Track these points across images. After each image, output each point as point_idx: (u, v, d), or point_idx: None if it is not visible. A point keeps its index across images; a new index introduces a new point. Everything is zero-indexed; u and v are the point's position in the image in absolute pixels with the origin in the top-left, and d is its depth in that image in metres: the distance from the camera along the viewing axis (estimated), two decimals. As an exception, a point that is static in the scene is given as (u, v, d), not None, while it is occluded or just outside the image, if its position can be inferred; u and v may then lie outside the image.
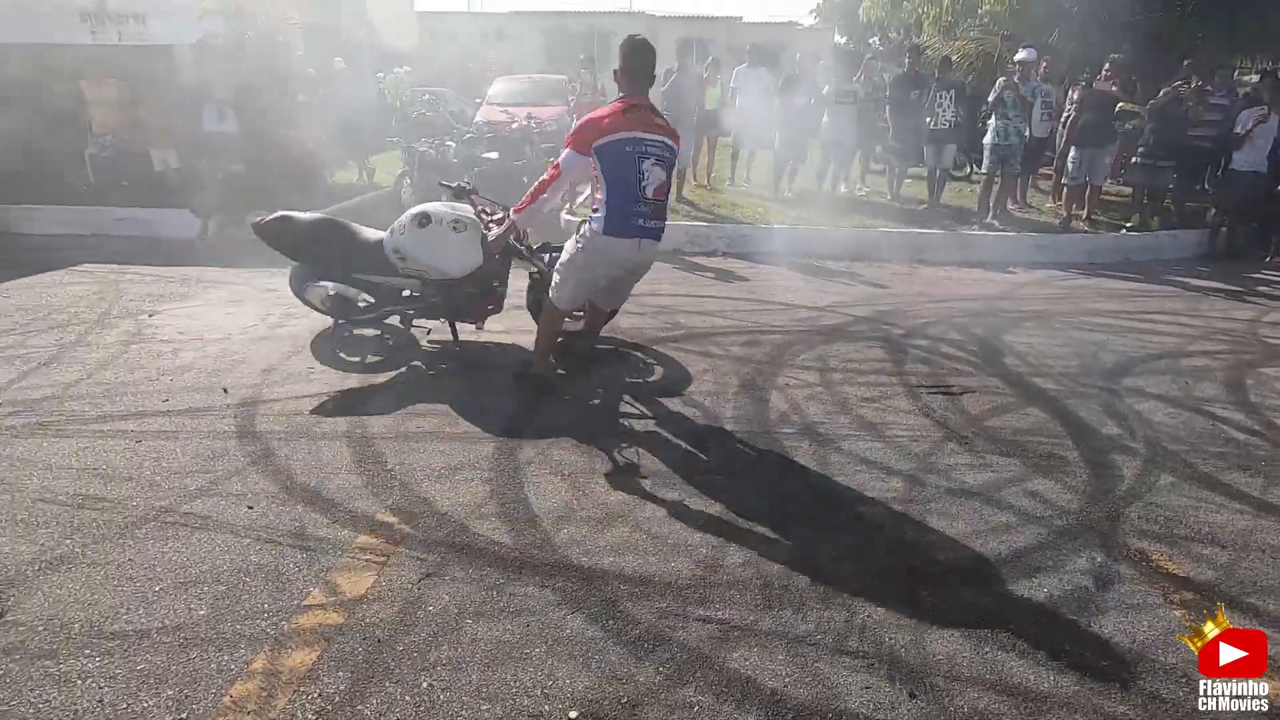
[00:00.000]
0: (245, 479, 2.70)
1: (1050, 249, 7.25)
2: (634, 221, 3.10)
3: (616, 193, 3.08)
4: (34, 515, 2.44)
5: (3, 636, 1.89)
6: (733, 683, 1.79)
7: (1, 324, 4.50)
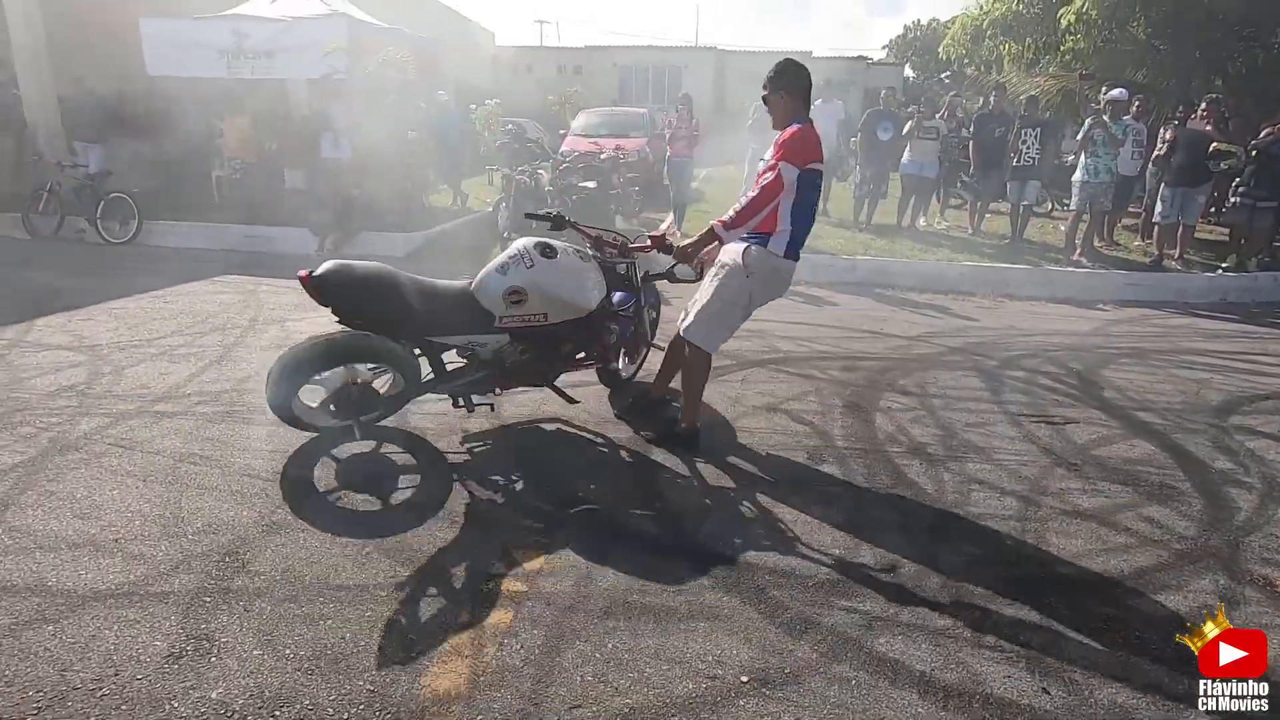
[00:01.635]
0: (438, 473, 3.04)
1: (1140, 287, 7.19)
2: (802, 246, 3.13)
3: (805, 217, 3.06)
4: (244, 487, 2.83)
5: (250, 582, 2.24)
6: (883, 663, 1.99)
7: (170, 326, 5.07)
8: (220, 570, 2.30)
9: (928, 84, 28.97)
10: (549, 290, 3.21)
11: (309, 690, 1.82)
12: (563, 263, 3.29)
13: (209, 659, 1.92)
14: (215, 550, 2.40)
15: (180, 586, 2.21)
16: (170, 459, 3.04)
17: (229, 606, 2.12)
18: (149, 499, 2.72)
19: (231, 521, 2.58)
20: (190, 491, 2.78)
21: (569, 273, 3.30)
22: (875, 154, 8.67)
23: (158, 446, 3.15)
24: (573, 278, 3.31)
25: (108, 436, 3.24)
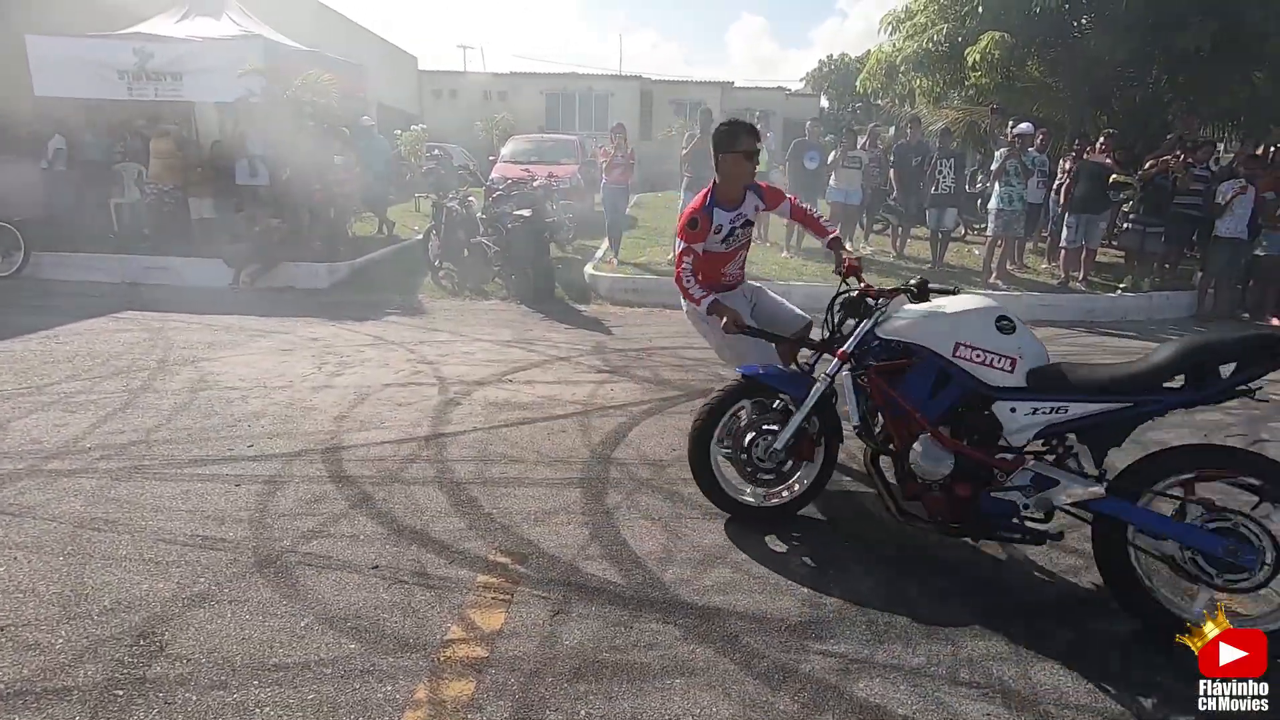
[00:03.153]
0: (353, 521, 2.82)
1: (1052, 308, 7.65)
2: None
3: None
4: (161, 555, 2.54)
5: (170, 668, 1.99)
6: (865, 710, 1.93)
7: (64, 370, 4.60)
8: (133, 656, 2.03)
9: (842, 114, 30.43)
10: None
11: (246, 795, 1.61)
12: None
13: (123, 767, 1.67)
14: (126, 632, 2.12)
15: (86, 680, 1.93)
16: (69, 525, 2.70)
17: (146, 700, 1.87)
18: (44, 575, 2.40)
19: (145, 596, 2.30)
20: (94, 563, 2.47)
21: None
22: (803, 182, 8.94)
23: (53, 511, 2.81)
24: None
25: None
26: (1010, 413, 2.42)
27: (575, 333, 6.19)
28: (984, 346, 2.45)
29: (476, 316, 6.76)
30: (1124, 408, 2.30)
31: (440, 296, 7.60)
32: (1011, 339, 2.44)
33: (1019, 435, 2.42)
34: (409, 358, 5.20)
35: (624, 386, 4.65)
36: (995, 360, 2.43)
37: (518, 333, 6.12)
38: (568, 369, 5.06)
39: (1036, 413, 2.38)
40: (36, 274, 7.83)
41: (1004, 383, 2.43)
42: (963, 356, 2.47)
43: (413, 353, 5.35)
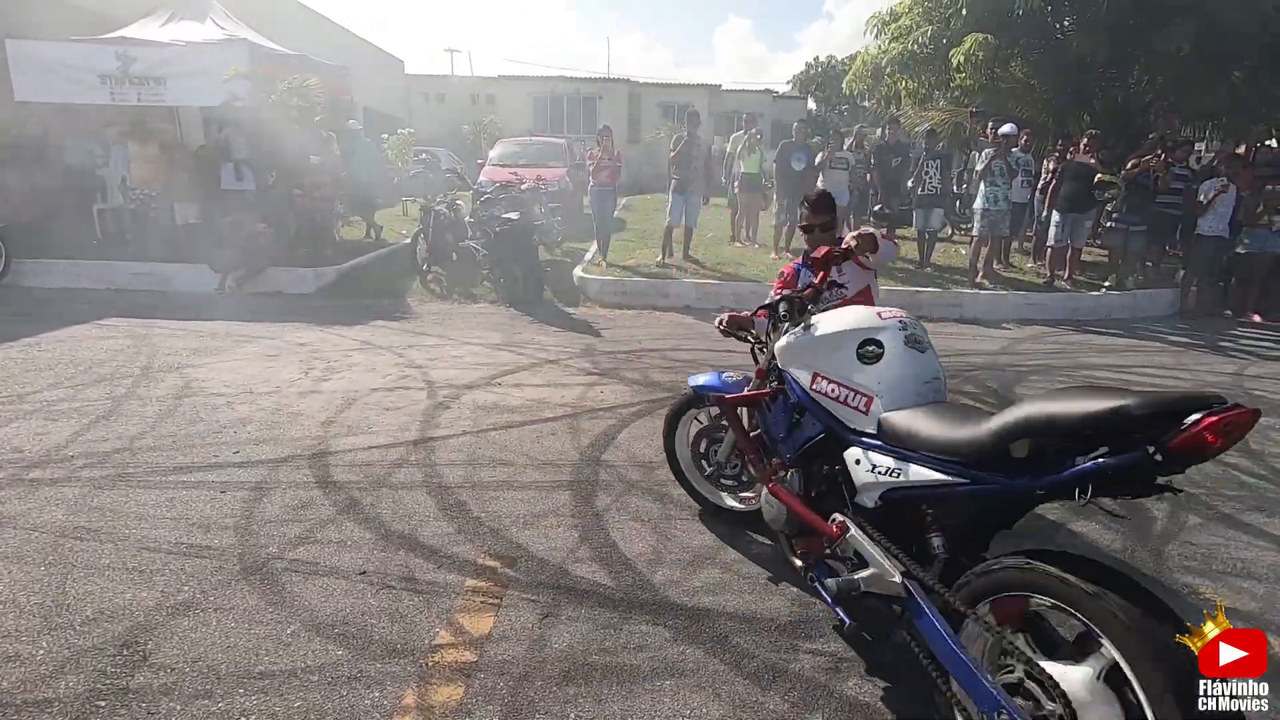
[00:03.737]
0: (340, 527, 2.80)
1: (1037, 306, 7.71)
2: None
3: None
4: (144, 563, 2.51)
5: (154, 678, 1.96)
6: (855, 709, 1.94)
7: (46, 378, 4.55)
8: (116, 666, 2.00)
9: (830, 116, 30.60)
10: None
11: (231, 805, 1.59)
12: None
13: (106, 778, 1.65)
14: (109, 642, 2.10)
15: (67, 691, 1.91)
16: (50, 535, 2.67)
17: (129, 710, 1.85)
18: (25, 585, 2.36)
19: (128, 605, 2.27)
20: (76, 573, 2.44)
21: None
22: (790, 183, 8.97)
23: (35, 521, 2.77)
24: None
25: (-28, 512, 2.82)
26: (856, 464, 1.96)
27: (564, 335, 6.18)
28: (838, 378, 2.03)
29: (465, 320, 6.74)
30: (961, 483, 1.69)
31: (428, 300, 7.57)
32: (871, 370, 1.97)
33: (865, 495, 1.95)
34: (397, 362, 5.18)
35: (613, 389, 4.64)
36: (849, 396, 1.99)
37: (506, 336, 6.10)
38: (557, 371, 5.05)
39: (876, 469, 1.88)
40: (18, 281, 7.74)
41: (856, 425, 1.98)
42: (819, 389, 2.08)
43: (401, 356, 5.32)
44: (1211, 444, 1.35)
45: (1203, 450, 1.37)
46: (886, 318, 2.07)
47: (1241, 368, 5.79)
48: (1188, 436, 1.35)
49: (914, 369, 1.96)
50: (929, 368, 1.99)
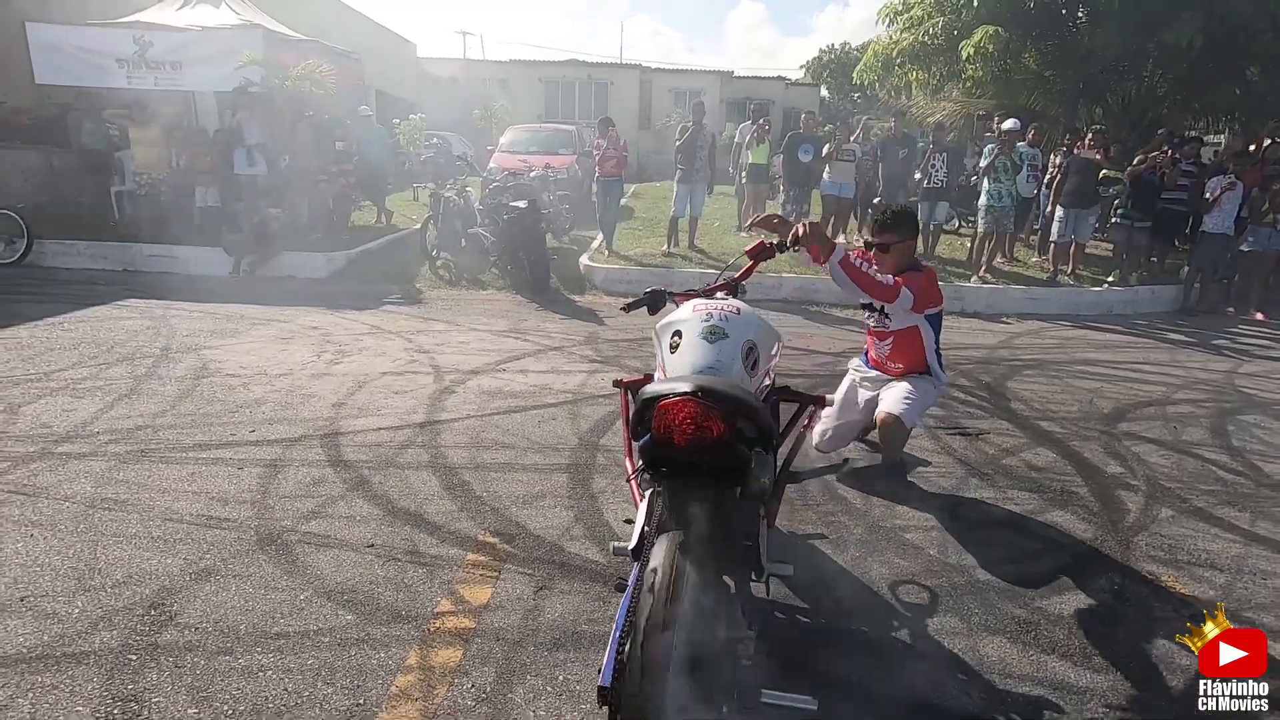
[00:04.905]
0: (350, 503, 2.97)
1: (1039, 301, 7.78)
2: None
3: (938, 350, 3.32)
4: (167, 533, 2.69)
5: (180, 636, 2.14)
6: (830, 677, 2.09)
7: (71, 357, 4.74)
8: (145, 625, 2.18)
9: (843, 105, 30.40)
10: (765, 333, 2.24)
11: (251, 748, 1.77)
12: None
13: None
14: (138, 603, 2.28)
15: (101, 645, 2.09)
16: (80, 505, 2.86)
17: (157, 664, 2.03)
18: (58, 550, 2.55)
19: (155, 571, 2.45)
20: (105, 540, 2.62)
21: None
22: (798, 175, 9.04)
23: (65, 492, 2.96)
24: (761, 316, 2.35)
25: (6, 483, 3.01)
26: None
27: (569, 323, 6.33)
28: (661, 365, 2.03)
29: (473, 306, 6.89)
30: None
31: (437, 286, 7.72)
32: (672, 358, 2.02)
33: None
34: (406, 347, 5.34)
35: (614, 376, 4.78)
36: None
37: (513, 323, 6.25)
38: (560, 358, 5.20)
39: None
40: (40, 261, 7.95)
41: None
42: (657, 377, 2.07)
43: (410, 342, 5.48)
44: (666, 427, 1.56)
45: (668, 435, 1.58)
46: (699, 310, 2.12)
47: (1236, 365, 5.86)
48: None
49: (692, 358, 1.98)
50: (708, 358, 1.98)
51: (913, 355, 3.28)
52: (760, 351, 2.14)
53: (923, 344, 3.25)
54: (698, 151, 8.37)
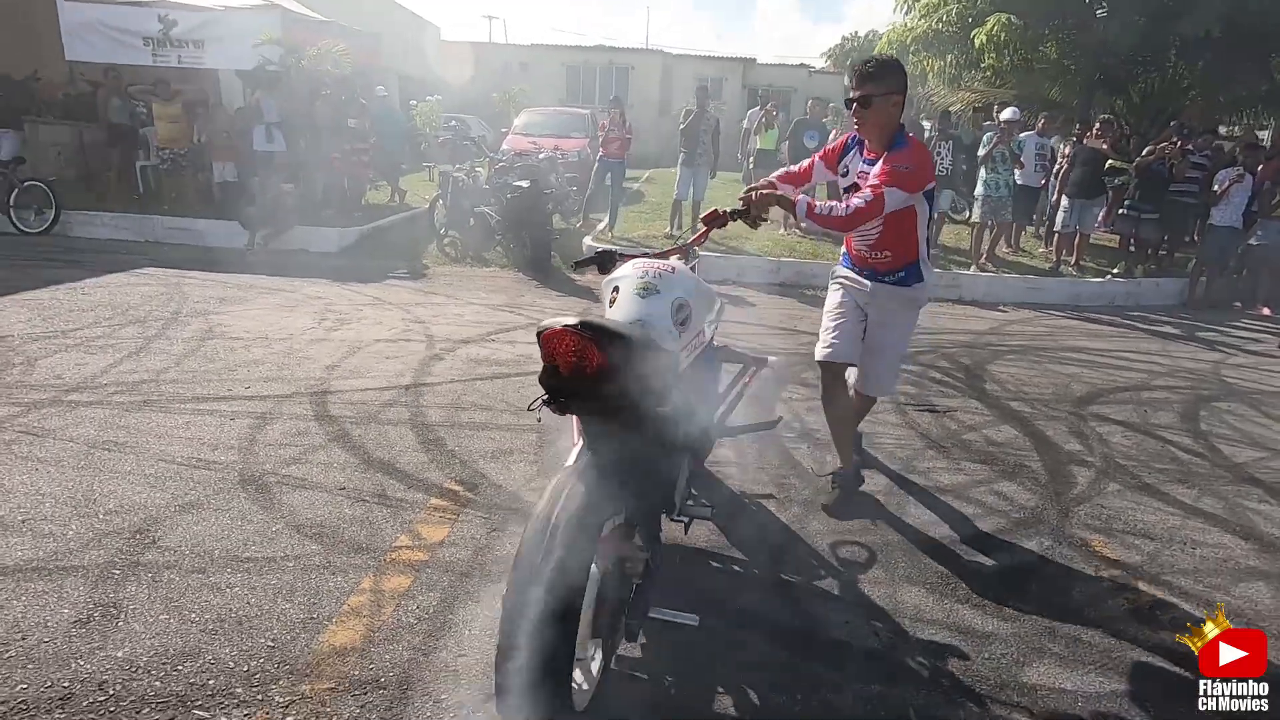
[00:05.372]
0: (329, 452, 3.18)
1: (1038, 291, 7.78)
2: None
3: (926, 234, 2.77)
4: (159, 472, 2.92)
5: (160, 556, 2.36)
6: (745, 615, 2.25)
7: (88, 318, 5.02)
8: (130, 546, 2.41)
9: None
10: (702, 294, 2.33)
11: (212, 648, 1.97)
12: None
13: (116, 624, 2.04)
14: (126, 529, 2.51)
15: (90, 561, 2.32)
16: (83, 446, 3.10)
17: (137, 578, 2.25)
18: (60, 483, 2.79)
19: (144, 503, 2.68)
20: (103, 476, 2.86)
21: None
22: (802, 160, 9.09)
23: (71, 434, 3.21)
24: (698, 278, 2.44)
25: (18, 425, 3.27)
26: None
27: (565, 300, 6.50)
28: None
29: (474, 282, 7.09)
30: None
31: (443, 263, 7.93)
32: (610, 311, 2.10)
33: None
34: (404, 317, 5.55)
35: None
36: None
37: (510, 298, 6.44)
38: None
39: None
40: (66, 231, 8.30)
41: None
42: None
43: (408, 313, 5.70)
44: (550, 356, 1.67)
45: (553, 363, 1.68)
46: (638, 268, 2.22)
47: (1226, 357, 5.87)
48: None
49: (623, 311, 2.08)
50: (637, 311, 2.07)
51: (905, 242, 2.69)
52: (692, 310, 2.28)
53: (916, 226, 2.67)
54: (700, 135, 8.46)
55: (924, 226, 2.73)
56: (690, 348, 2.29)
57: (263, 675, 1.89)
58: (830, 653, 2.11)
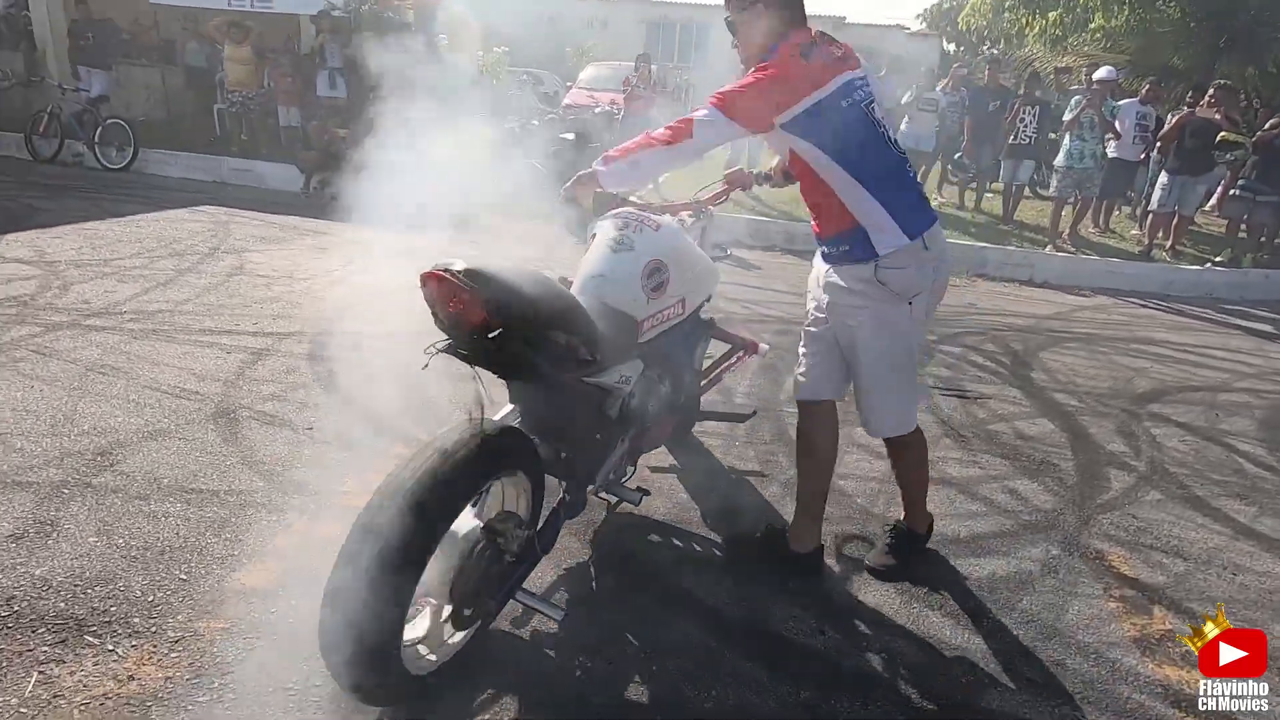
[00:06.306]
0: (309, 392, 3.17)
1: (1122, 276, 7.03)
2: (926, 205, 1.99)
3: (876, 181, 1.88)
4: (142, 398, 2.97)
5: (111, 480, 2.38)
6: (682, 595, 2.08)
7: (132, 249, 5.22)
8: (88, 467, 2.44)
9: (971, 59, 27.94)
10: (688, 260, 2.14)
11: (126, 575, 1.96)
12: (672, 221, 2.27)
13: (46, 541, 2.06)
14: (90, 450, 2.55)
15: (46, 479, 2.36)
16: (81, 368, 3.19)
17: (83, 499, 2.27)
18: (48, 400, 2.87)
19: (117, 427, 2.73)
20: (89, 398, 2.93)
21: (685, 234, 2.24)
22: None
23: (75, 356, 3.31)
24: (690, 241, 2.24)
25: (32, 344, 3.40)
26: None
27: (598, 257, 6.33)
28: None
29: (514, 234, 7.00)
30: None
31: (490, 214, 7.88)
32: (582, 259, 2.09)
33: None
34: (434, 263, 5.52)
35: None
36: None
37: (544, 249, 6.31)
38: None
39: None
40: (144, 169, 8.71)
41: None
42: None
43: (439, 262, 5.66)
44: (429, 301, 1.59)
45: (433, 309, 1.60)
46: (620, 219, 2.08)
47: (1333, 362, 5.12)
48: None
49: (589, 264, 2.03)
50: (600, 266, 1.99)
51: (827, 199, 1.94)
52: (671, 275, 2.07)
53: (829, 175, 1.89)
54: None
55: (862, 174, 1.86)
56: (660, 318, 2.08)
57: (164, 608, 1.86)
58: (763, 648, 1.91)
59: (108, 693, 1.60)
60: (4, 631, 1.74)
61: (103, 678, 1.64)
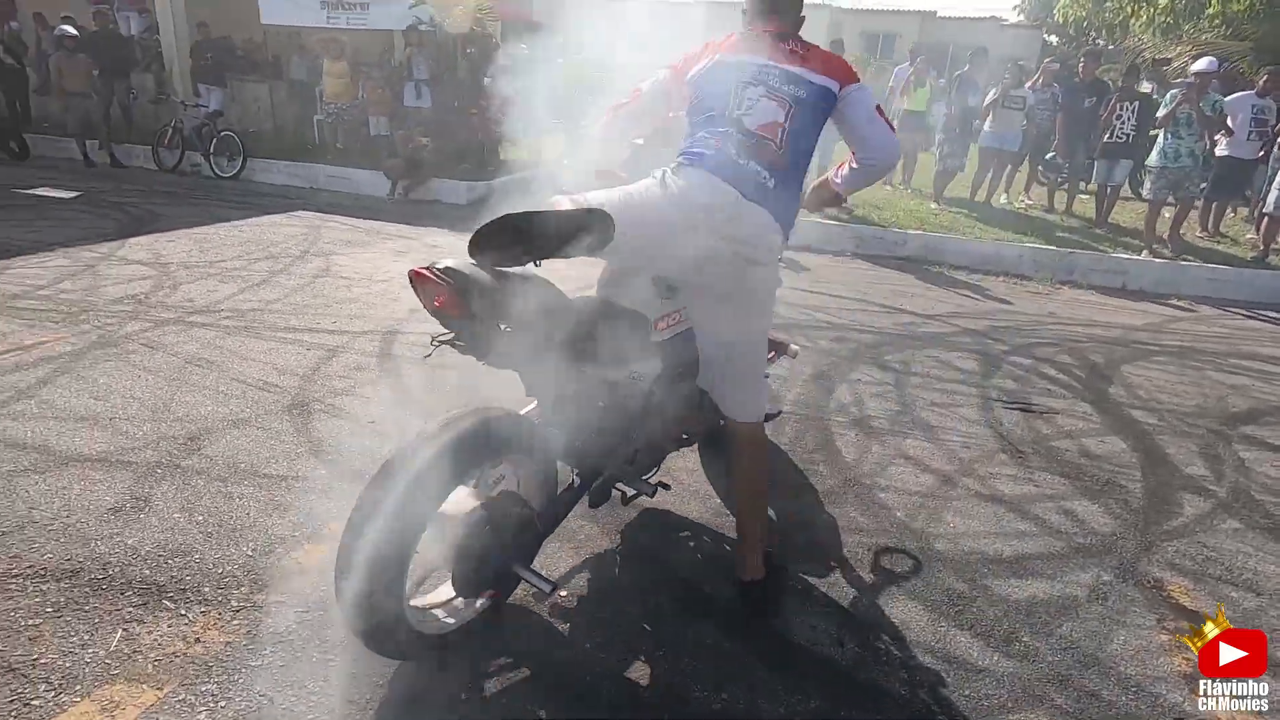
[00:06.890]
0: (376, 388, 3.39)
1: (1228, 285, 6.48)
2: (723, 153, 1.85)
3: (700, 119, 1.96)
4: (229, 389, 3.27)
5: (197, 463, 2.65)
6: (703, 597, 2.12)
7: (234, 251, 5.71)
8: (179, 450, 2.72)
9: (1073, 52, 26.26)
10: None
11: (201, 549, 2.19)
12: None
13: (139, 515, 2.33)
14: (182, 435, 2.84)
15: (143, 459, 2.65)
16: (181, 360, 3.54)
17: (172, 478, 2.54)
18: (151, 389, 3.21)
19: (205, 415, 3.02)
20: (184, 388, 3.25)
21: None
22: (955, 122, 8.19)
23: (177, 350, 3.68)
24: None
25: (142, 338, 3.80)
26: None
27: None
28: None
29: (580, 239, 7.18)
30: None
31: (558, 219, 8.10)
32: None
33: None
34: (499, 268, 5.75)
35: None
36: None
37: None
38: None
39: None
40: (250, 177, 9.46)
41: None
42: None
43: (505, 265, 5.89)
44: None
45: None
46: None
47: None
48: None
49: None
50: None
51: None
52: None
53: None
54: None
55: (691, 117, 2.01)
56: (676, 318, 2.13)
57: (231, 580, 2.07)
58: (780, 656, 1.93)
59: (177, 652, 1.81)
60: (99, 592, 1.98)
61: (174, 638, 1.85)
